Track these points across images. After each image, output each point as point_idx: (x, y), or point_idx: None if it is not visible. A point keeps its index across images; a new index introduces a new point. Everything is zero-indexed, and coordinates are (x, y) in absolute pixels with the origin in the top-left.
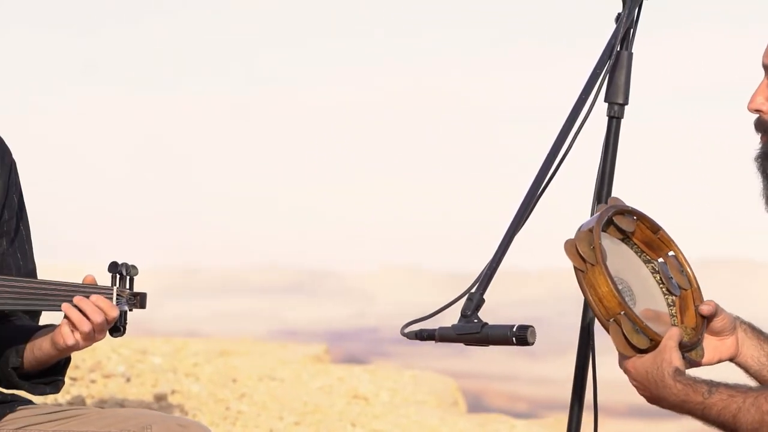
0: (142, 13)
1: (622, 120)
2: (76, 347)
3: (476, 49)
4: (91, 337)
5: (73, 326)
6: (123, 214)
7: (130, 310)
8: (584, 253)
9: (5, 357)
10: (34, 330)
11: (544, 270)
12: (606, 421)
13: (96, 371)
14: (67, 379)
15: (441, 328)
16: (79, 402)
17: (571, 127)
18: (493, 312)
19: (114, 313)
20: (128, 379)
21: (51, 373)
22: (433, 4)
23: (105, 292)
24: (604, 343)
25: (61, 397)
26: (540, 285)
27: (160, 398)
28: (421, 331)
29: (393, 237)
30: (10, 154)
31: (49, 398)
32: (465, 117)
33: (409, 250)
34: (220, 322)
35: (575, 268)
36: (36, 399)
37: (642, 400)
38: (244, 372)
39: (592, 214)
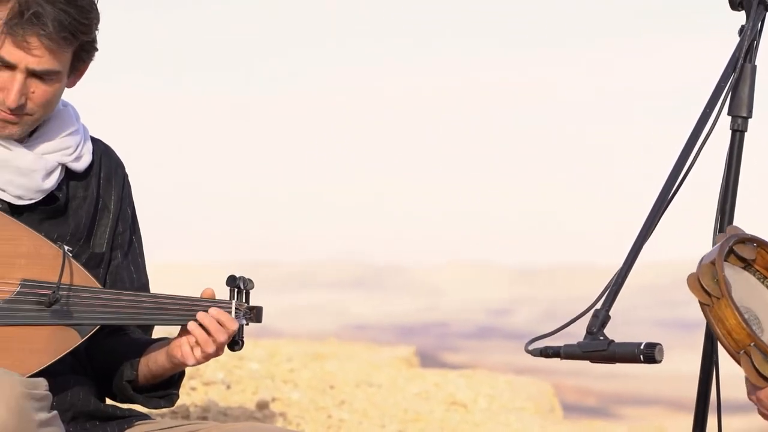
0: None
1: (746, 133)
2: (191, 360)
3: (563, 40)
4: (210, 353)
5: (197, 345)
6: (191, 211)
7: (247, 324)
8: (708, 287)
9: (120, 370)
10: (149, 343)
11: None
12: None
13: (195, 378)
14: None
15: (566, 346)
16: (183, 411)
17: (695, 142)
18: (564, 306)
19: (234, 326)
20: (228, 386)
21: (165, 387)
22: None
23: (224, 306)
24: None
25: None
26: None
27: (262, 406)
28: (546, 348)
29: (462, 231)
30: (123, 167)
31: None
32: (536, 111)
33: (478, 244)
34: (290, 318)
35: (700, 303)
36: (152, 413)
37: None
38: (340, 378)
39: (714, 234)
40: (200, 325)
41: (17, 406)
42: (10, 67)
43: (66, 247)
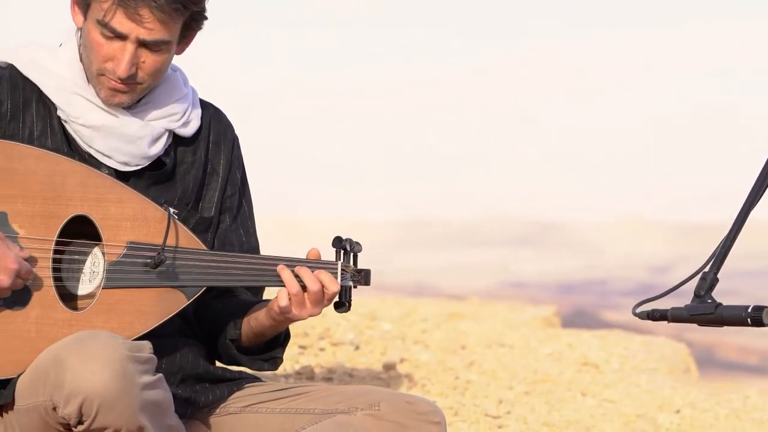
0: None
1: None
2: (287, 312)
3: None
4: (303, 304)
5: (295, 302)
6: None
7: (355, 286)
8: None
9: (225, 330)
10: (254, 304)
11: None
12: None
13: (325, 339)
14: (296, 348)
15: (673, 309)
16: (307, 372)
17: None
18: (726, 263)
19: (334, 287)
20: (357, 347)
21: (269, 349)
22: None
23: (329, 267)
24: None
25: (290, 366)
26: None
27: (389, 368)
28: (653, 311)
29: (624, 188)
30: (233, 130)
31: (278, 370)
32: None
33: (640, 201)
34: (450, 275)
35: None
36: (264, 376)
37: None
38: (472, 338)
39: None
40: (301, 284)
41: (121, 369)
42: (121, 37)
43: (171, 210)
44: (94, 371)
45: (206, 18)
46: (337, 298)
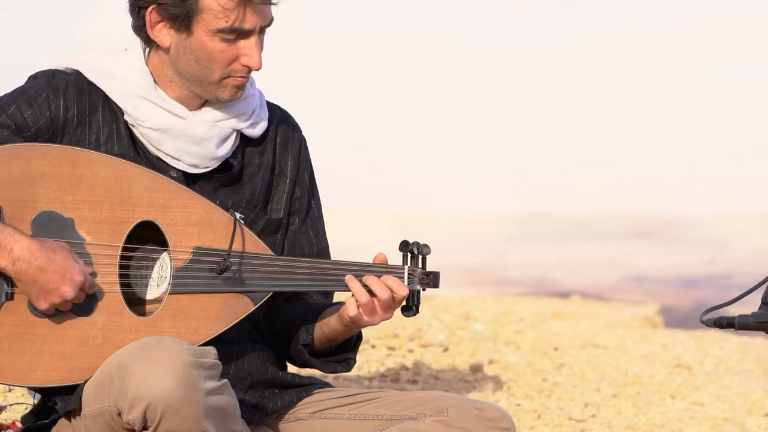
0: None
1: None
2: (358, 321)
3: None
4: (374, 312)
5: (365, 308)
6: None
7: (423, 289)
8: None
9: (296, 334)
10: (325, 308)
11: None
12: None
13: (414, 340)
14: (384, 350)
15: (741, 316)
16: (393, 374)
17: None
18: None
19: (403, 292)
20: (446, 349)
21: (342, 351)
22: None
23: (396, 271)
24: None
25: (375, 369)
26: None
27: (475, 369)
28: (720, 318)
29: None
30: (300, 131)
31: (363, 370)
32: None
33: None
34: (570, 269)
35: None
36: (345, 378)
37: None
38: (566, 339)
39: None
40: (370, 291)
41: (185, 374)
42: (246, 33)
43: (237, 215)
44: (158, 377)
45: None
46: (404, 302)
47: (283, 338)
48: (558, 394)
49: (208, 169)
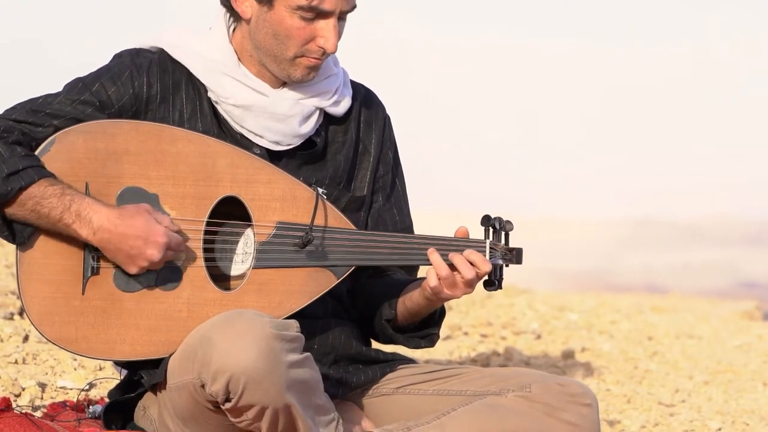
0: None
1: None
2: (440, 293)
3: None
4: (455, 285)
5: (447, 282)
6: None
7: (506, 265)
8: None
9: (380, 310)
10: (408, 283)
11: None
12: None
13: (507, 328)
14: (477, 336)
15: None
16: (483, 360)
17: None
18: None
19: (486, 267)
20: (539, 336)
21: (425, 326)
22: None
23: (478, 245)
24: None
25: (467, 353)
26: None
27: (567, 356)
28: None
29: None
30: (384, 110)
31: (454, 355)
32: None
33: None
34: (679, 276)
35: None
36: (426, 354)
37: None
38: (661, 329)
39: None
40: (450, 264)
41: (267, 347)
42: (326, 15)
43: (320, 190)
44: (241, 349)
45: None
46: (486, 277)
47: (366, 314)
48: (649, 381)
49: (291, 147)
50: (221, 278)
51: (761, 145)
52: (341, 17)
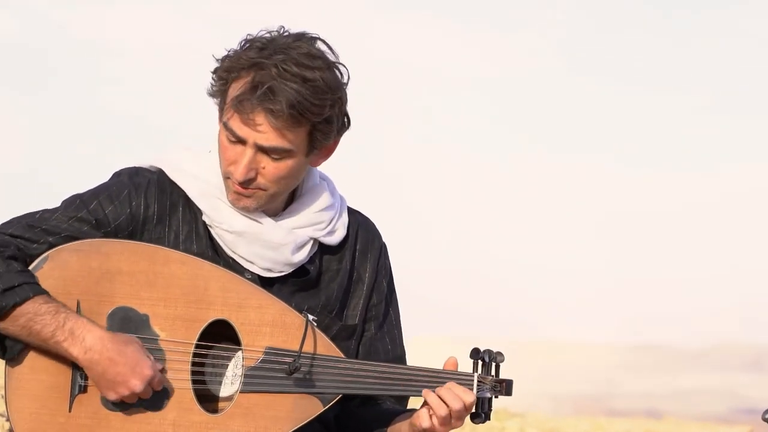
0: None
1: None
2: (431, 431)
3: None
4: (447, 422)
5: (432, 411)
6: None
7: (495, 397)
8: None
9: None
10: (397, 414)
11: None
12: None
13: None
14: None
15: None
16: None
17: None
18: None
19: (469, 399)
20: None
21: None
22: None
23: (464, 379)
24: None
25: None
26: None
27: None
28: None
29: None
30: (380, 238)
31: None
32: None
33: None
34: (678, 401)
35: None
36: None
37: None
38: None
39: None
40: (439, 396)
41: None
42: (242, 141)
43: (310, 317)
44: None
45: (340, 129)
46: (473, 409)
47: None
48: None
49: (282, 274)
50: (210, 399)
51: (759, 270)
52: (269, 154)
